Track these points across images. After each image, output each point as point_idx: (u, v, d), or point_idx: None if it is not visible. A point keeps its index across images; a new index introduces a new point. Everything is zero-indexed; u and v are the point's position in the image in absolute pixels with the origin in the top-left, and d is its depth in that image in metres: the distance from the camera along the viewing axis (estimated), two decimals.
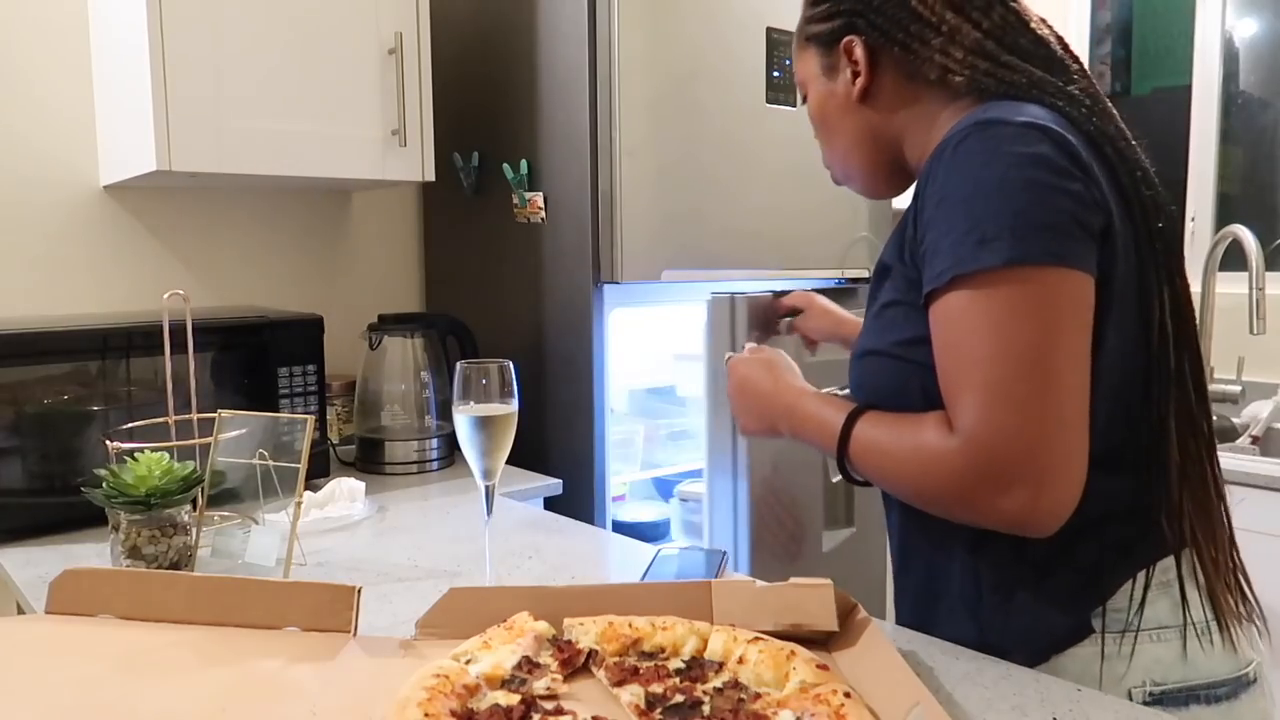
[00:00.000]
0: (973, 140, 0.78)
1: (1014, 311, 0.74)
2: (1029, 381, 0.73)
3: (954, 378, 0.77)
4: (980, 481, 0.75)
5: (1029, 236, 0.74)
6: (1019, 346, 0.74)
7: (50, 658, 0.80)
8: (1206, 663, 0.84)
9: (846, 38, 0.92)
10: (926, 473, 0.79)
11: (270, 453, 1.12)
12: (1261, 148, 2.55)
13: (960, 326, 0.76)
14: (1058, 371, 0.74)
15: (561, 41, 1.67)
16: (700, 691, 0.74)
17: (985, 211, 0.75)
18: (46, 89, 1.65)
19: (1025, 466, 0.74)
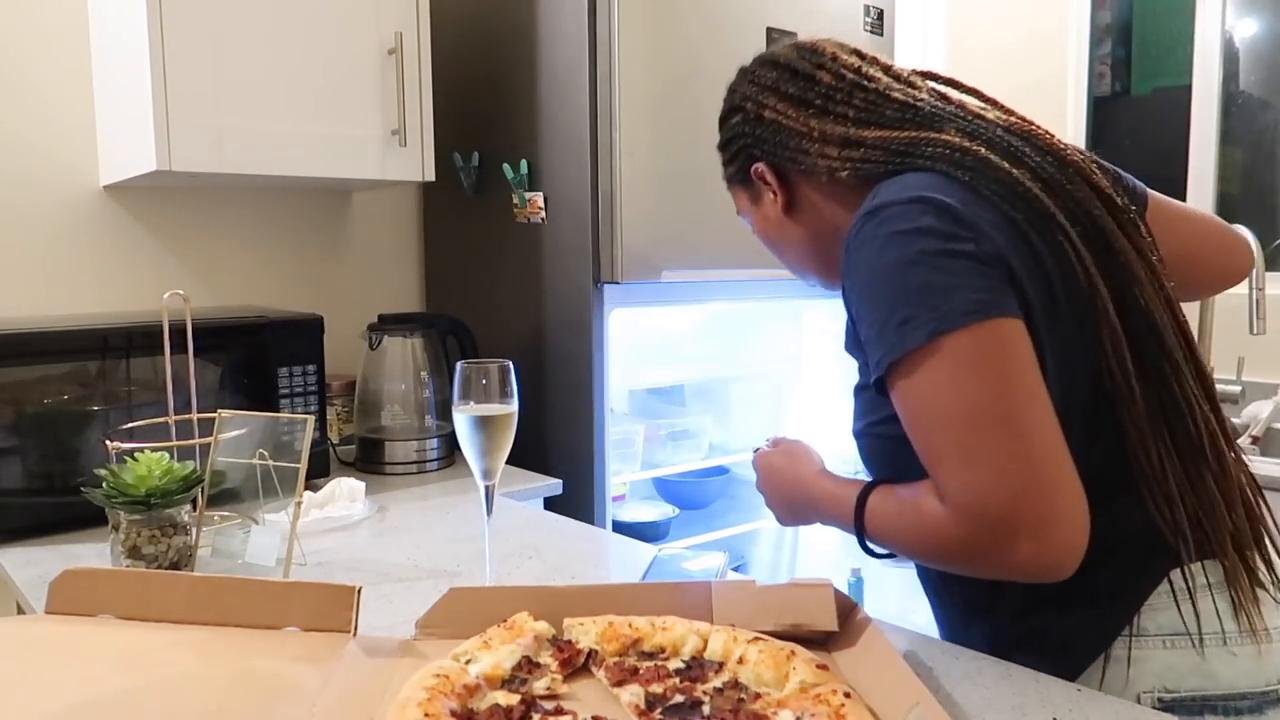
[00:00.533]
0: (865, 230, 0.82)
1: (955, 376, 0.76)
2: (992, 432, 0.74)
3: (926, 451, 0.78)
4: (981, 541, 0.75)
5: (941, 305, 0.76)
6: (971, 404, 0.75)
7: (50, 658, 0.79)
8: (1228, 674, 0.83)
9: (753, 167, 1.00)
10: (933, 541, 0.79)
11: (270, 453, 1.12)
12: (1261, 148, 2.55)
13: (914, 405, 0.78)
14: (1017, 414, 0.75)
15: (561, 41, 1.67)
16: (700, 691, 0.74)
17: (895, 295, 0.79)
18: (46, 89, 1.65)
19: (1019, 514, 0.73)
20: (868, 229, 0.82)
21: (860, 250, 0.82)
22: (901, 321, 0.77)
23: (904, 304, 0.78)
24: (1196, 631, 0.83)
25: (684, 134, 1.71)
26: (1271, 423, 2.14)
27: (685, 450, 2.06)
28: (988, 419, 0.74)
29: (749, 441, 2.19)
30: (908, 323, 0.77)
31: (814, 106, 0.93)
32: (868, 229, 0.82)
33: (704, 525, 2.09)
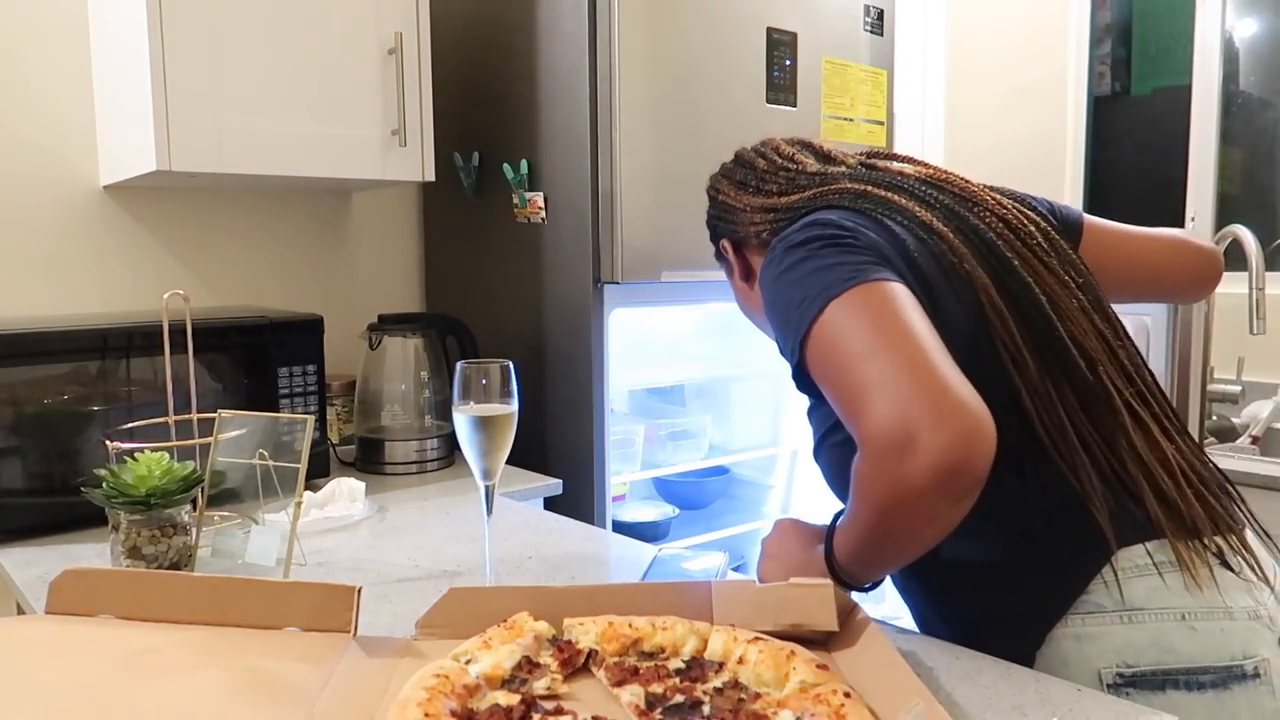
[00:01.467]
0: (768, 259, 0.96)
1: (844, 330, 0.82)
2: (878, 362, 0.78)
3: (843, 414, 0.81)
4: (892, 462, 0.74)
5: (824, 282, 0.85)
6: (860, 347, 0.80)
7: (50, 658, 0.79)
8: (1188, 648, 0.84)
9: (719, 243, 1.19)
10: (868, 493, 0.78)
11: (270, 453, 1.12)
12: (1261, 148, 2.55)
13: (822, 373, 0.84)
14: (897, 342, 0.79)
15: (561, 41, 1.68)
16: (700, 691, 0.74)
17: (791, 291, 0.89)
18: (46, 89, 1.65)
19: (914, 419, 0.73)
20: (769, 257, 0.95)
21: (764, 274, 0.95)
22: (798, 305, 0.86)
23: (798, 293, 0.87)
24: (1160, 607, 0.85)
25: (684, 134, 1.71)
26: (1271, 423, 2.14)
27: (685, 450, 2.06)
28: (874, 354, 0.79)
29: (749, 441, 2.19)
30: (803, 304, 0.86)
31: (750, 188, 1.12)
32: (769, 257, 0.95)
33: (704, 525, 2.09)
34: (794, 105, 1.87)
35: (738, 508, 2.23)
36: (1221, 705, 0.84)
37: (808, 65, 1.89)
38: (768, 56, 1.82)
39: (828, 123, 1.95)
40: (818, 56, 1.90)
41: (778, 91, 1.85)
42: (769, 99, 1.83)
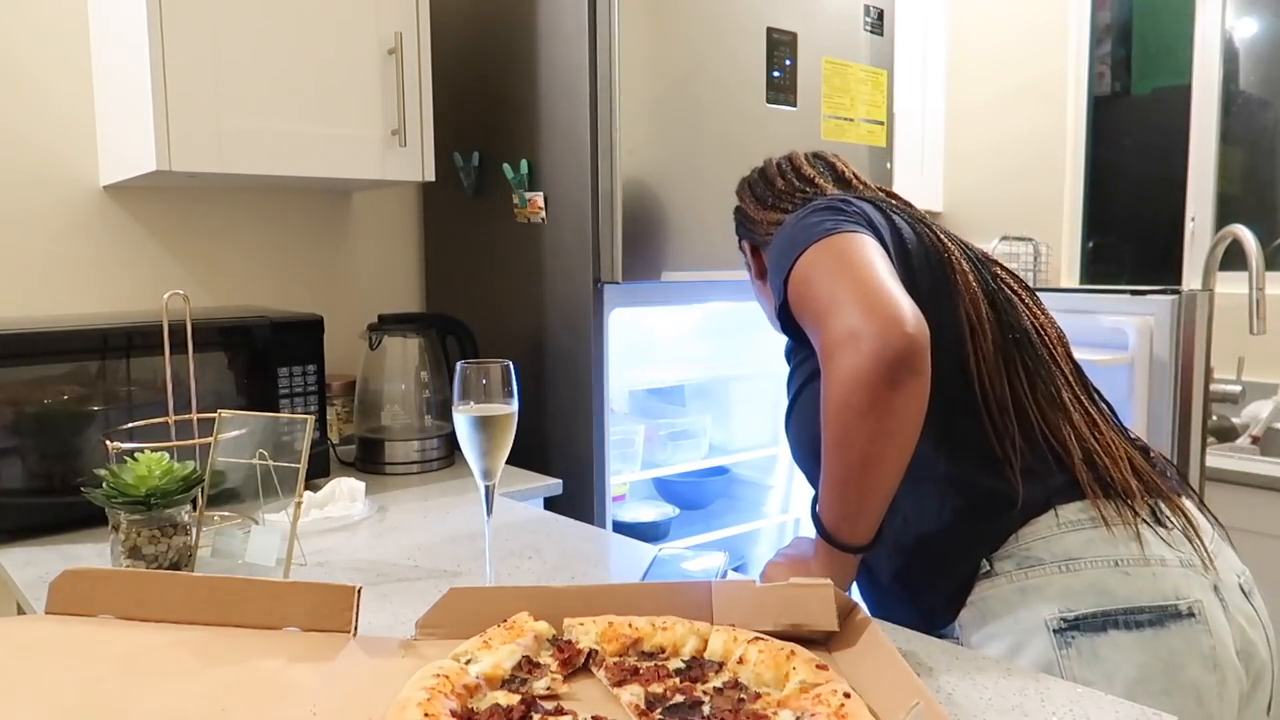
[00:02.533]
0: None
1: (813, 268, 0.97)
2: (837, 287, 0.92)
3: (812, 334, 0.95)
4: (843, 356, 0.87)
5: (809, 234, 1.00)
6: (824, 278, 0.95)
7: (50, 658, 0.80)
8: (1123, 590, 0.92)
9: (741, 243, 1.32)
10: (828, 398, 0.89)
11: (270, 453, 1.12)
12: (1261, 148, 2.55)
13: (797, 306, 0.98)
14: (852, 273, 0.93)
15: (561, 41, 1.68)
16: (700, 691, 0.74)
17: (782, 245, 1.04)
18: (46, 89, 1.65)
19: (860, 322, 0.87)
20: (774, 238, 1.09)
21: (770, 252, 1.09)
22: (786, 252, 1.01)
23: (788, 244, 1.02)
24: (1096, 556, 0.94)
25: (684, 134, 1.71)
26: (1271, 423, 2.14)
27: (685, 450, 2.06)
28: (835, 282, 0.93)
29: (749, 441, 2.19)
30: (790, 249, 1.00)
31: (767, 204, 1.24)
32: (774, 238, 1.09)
33: (704, 525, 2.09)
34: (794, 105, 1.87)
35: (738, 508, 2.23)
36: (1160, 642, 0.91)
37: (808, 65, 1.89)
38: (768, 56, 1.82)
39: (827, 123, 1.94)
40: (818, 56, 1.90)
41: (778, 91, 1.85)
42: (769, 99, 1.83)
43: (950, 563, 1.00)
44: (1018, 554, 0.96)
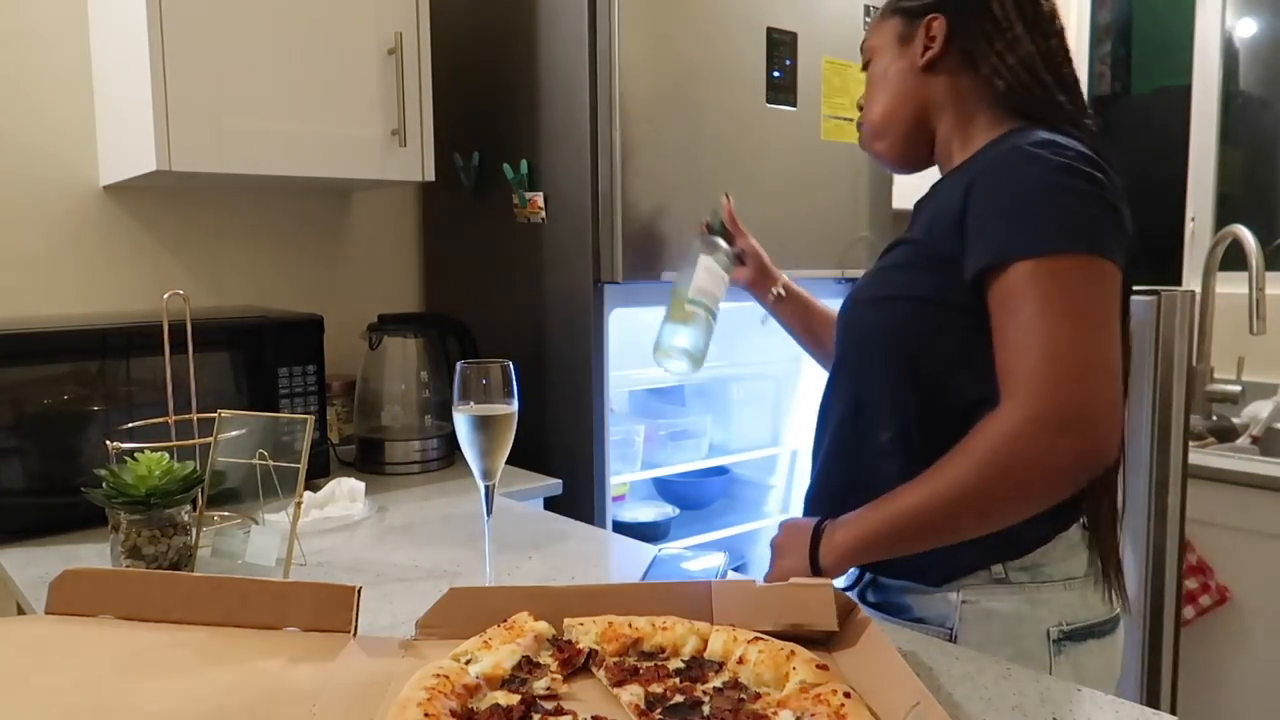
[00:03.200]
0: (1015, 155, 0.93)
1: (1079, 288, 0.88)
2: (1086, 340, 0.87)
3: (1016, 343, 0.88)
4: (1054, 429, 0.85)
5: (1089, 231, 0.89)
6: (1067, 328, 0.87)
7: (50, 658, 0.79)
8: (1097, 606, 1.02)
9: (932, 15, 1.07)
10: (1000, 455, 0.87)
11: (270, 453, 1.12)
12: (1261, 148, 2.55)
13: (1024, 293, 0.88)
14: (1106, 335, 0.88)
15: (561, 41, 1.67)
16: (700, 692, 0.74)
17: (1049, 209, 0.89)
18: (46, 89, 1.65)
19: (1084, 409, 0.85)
20: (1027, 147, 0.92)
21: (1016, 167, 0.92)
22: (1056, 228, 0.88)
23: (1059, 215, 0.89)
24: (1087, 575, 1.02)
25: (684, 134, 1.71)
26: (1271, 423, 2.14)
27: (685, 450, 2.06)
28: (1087, 332, 0.87)
29: (749, 441, 2.19)
30: (1059, 231, 0.88)
31: (1026, 21, 1.04)
32: (1027, 147, 0.92)
33: (704, 525, 2.09)
34: (794, 105, 1.87)
35: (738, 508, 2.23)
36: (1113, 647, 1.04)
37: (808, 65, 1.89)
38: (768, 56, 1.82)
39: (827, 123, 1.94)
40: (818, 56, 1.90)
41: (778, 91, 1.85)
42: (769, 99, 1.83)
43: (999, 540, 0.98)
44: (1034, 568, 1.00)
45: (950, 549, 0.96)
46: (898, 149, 1.13)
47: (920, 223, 1.05)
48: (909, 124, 1.11)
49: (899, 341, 1.01)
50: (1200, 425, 2.20)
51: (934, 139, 1.10)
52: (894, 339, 1.02)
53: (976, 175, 0.96)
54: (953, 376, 0.98)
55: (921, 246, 1.02)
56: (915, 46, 1.08)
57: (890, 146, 1.13)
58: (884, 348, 1.03)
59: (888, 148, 1.14)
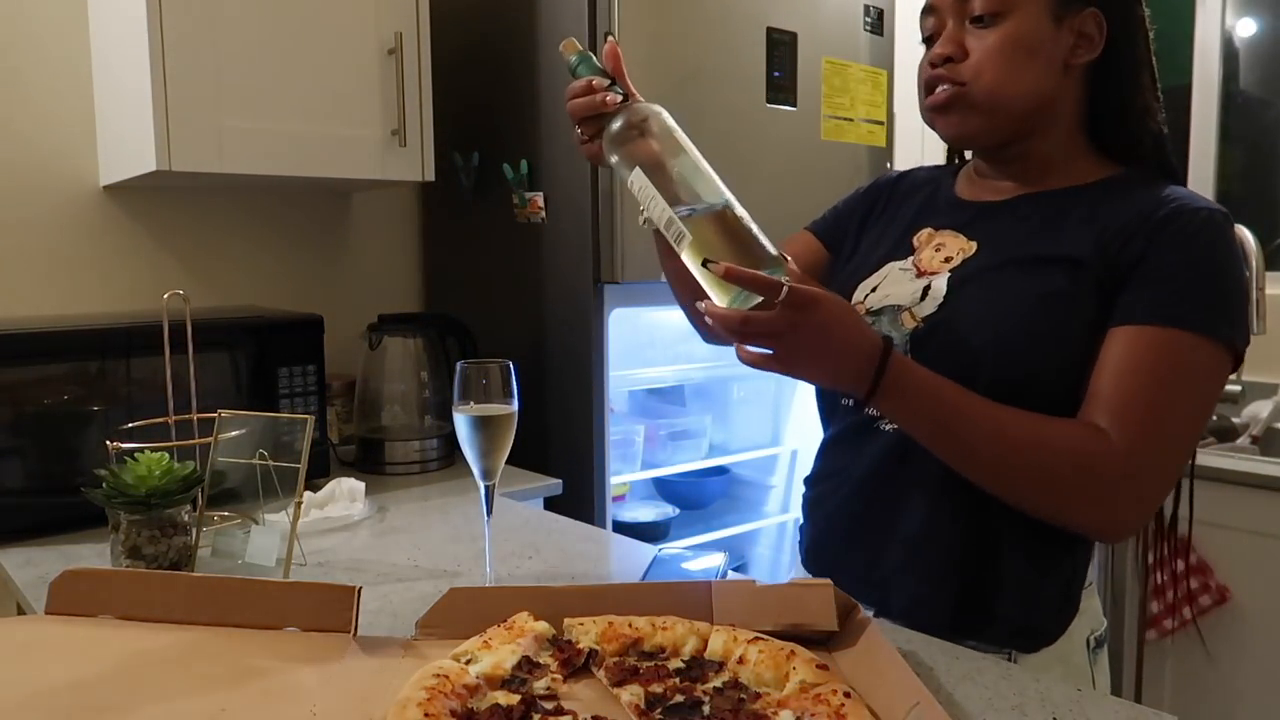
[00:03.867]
0: (1222, 229, 0.89)
1: (1209, 376, 0.88)
2: (1184, 430, 0.88)
3: (1141, 399, 0.86)
4: (1122, 484, 0.86)
5: (1241, 326, 0.89)
6: (1194, 403, 0.88)
7: (50, 658, 0.80)
8: (1100, 614, 1.03)
9: (1094, 10, 0.94)
10: (1077, 456, 0.86)
11: (270, 453, 1.12)
12: (1261, 148, 2.55)
13: (1169, 365, 0.87)
14: (1196, 430, 0.90)
15: (561, 41, 1.67)
16: (700, 691, 0.74)
17: (1233, 296, 0.89)
18: (46, 89, 1.65)
19: (1153, 488, 0.88)
20: (1224, 229, 0.90)
21: (1217, 240, 0.89)
22: (1223, 315, 0.87)
23: (1236, 308, 0.89)
24: (1100, 579, 1.05)
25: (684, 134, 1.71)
26: (1271, 423, 2.14)
27: (685, 450, 2.06)
28: (1191, 419, 0.89)
29: (749, 441, 2.19)
30: (1227, 320, 0.87)
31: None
32: (1224, 229, 0.90)
33: (704, 525, 2.09)
34: (794, 105, 1.87)
35: (738, 508, 2.23)
36: (1104, 656, 1.01)
37: (808, 65, 1.89)
38: (768, 56, 1.82)
39: (827, 123, 1.94)
40: (818, 56, 1.90)
41: (778, 91, 1.85)
42: (769, 99, 1.83)
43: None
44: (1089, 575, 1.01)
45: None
46: (992, 134, 0.97)
47: (1087, 239, 0.92)
48: (1025, 120, 0.96)
49: (1026, 373, 0.91)
50: None
51: (1022, 140, 0.98)
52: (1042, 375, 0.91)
53: (1164, 226, 0.89)
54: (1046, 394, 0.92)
55: (1081, 273, 0.91)
56: (1064, 34, 0.93)
57: (988, 126, 0.96)
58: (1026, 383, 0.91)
59: (984, 125, 0.96)
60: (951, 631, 0.94)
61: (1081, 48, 0.94)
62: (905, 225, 1.08)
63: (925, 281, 0.99)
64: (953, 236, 1.01)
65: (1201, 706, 1.79)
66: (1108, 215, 0.92)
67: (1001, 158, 1.01)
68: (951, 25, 0.96)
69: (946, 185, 1.09)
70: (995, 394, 0.89)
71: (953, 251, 1.00)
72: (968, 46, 0.94)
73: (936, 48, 0.96)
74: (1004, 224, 0.98)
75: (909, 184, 1.14)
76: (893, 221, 1.10)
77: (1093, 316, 0.90)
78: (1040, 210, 0.97)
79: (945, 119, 0.97)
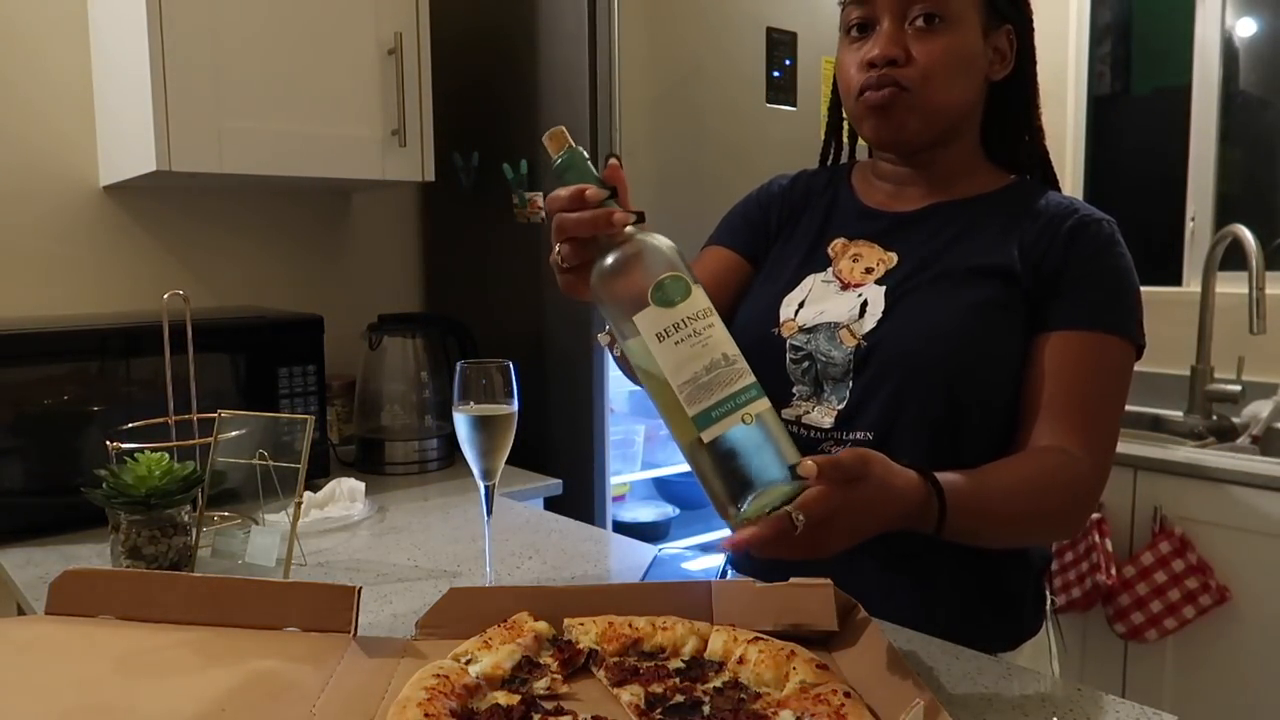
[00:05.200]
0: (1118, 236, 0.97)
1: (1128, 375, 0.94)
2: (1118, 428, 0.95)
3: (1083, 407, 0.91)
4: (1096, 494, 0.92)
5: (1141, 325, 0.95)
6: (1122, 401, 0.95)
7: (50, 658, 0.79)
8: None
9: (1009, 27, 0.99)
10: (1069, 488, 0.90)
11: (270, 453, 1.12)
12: (1261, 148, 2.55)
13: (1106, 369, 0.93)
14: (1119, 414, 0.95)
15: (561, 41, 1.67)
16: (700, 692, 0.74)
17: (1137, 298, 0.95)
18: (47, 90, 1.65)
19: (1103, 487, 0.94)
20: (1116, 234, 0.97)
21: (1116, 247, 0.96)
22: (1133, 318, 0.95)
23: (1137, 309, 0.95)
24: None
25: (684, 134, 1.71)
26: (1271, 423, 2.14)
27: None
28: (1117, 421, 0.95)
29: None
30: (1136, 322, 0.95)
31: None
32: (1116, 234, 0.97)
33: (704, 525, 2.09)
34: (794, 105, 1.87)
35: None
36: (1053, 619, 1.07)
37: (808, 65, 1.89)
38: (768, 56, 1.82)
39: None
40: (818, 56, 1.90)
41: (778, 91, 1.85)
42: (769, 99, 1.83)
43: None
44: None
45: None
46: (925, 138, 0.98)
47: (998, 250, 0.95)
48: (948, 128, 0.99)
49: (976, 385, 0.94)
50: (1200, 425, 2.20)
51: (939, 147, 1.00)
52: (973, 381, 0.94)
53: (1075, 236, 0.94)
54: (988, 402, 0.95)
55: (1013, 284, 0.94)
56: (988, 49, 0.98)
57: (923, 130, 0.97)
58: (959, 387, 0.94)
59: (920, 129, 0.97)
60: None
61: (997, 64, 0.99)
62: (814, 234, 1.06)
63: (858, 296, 0.98)
64: (869, 247, 1.02)
65: (1201, 706, 1.79)
66: (1022, 225, 0.97)
67: (915, 163, 1.02)
68: (890, 26, 0.95)
69: (845, 191, 1.09)
70: (939, 406, 0.92)
71: (872, 262, 1.00)
72: (911, 50, 0.94)
73: (879, 48, 0.94)
74: (922, 235, 0.99)
75: (805, 189, 1.12)
76: (797, 230, 1.09)
77: (1021, 324, 0.94)
78: (955, 220, 0.99)
79: (884, 120, 0.97)
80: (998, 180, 1.03)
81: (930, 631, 0.94)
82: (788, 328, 1.00)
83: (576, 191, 0.78)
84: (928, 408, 0.92)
